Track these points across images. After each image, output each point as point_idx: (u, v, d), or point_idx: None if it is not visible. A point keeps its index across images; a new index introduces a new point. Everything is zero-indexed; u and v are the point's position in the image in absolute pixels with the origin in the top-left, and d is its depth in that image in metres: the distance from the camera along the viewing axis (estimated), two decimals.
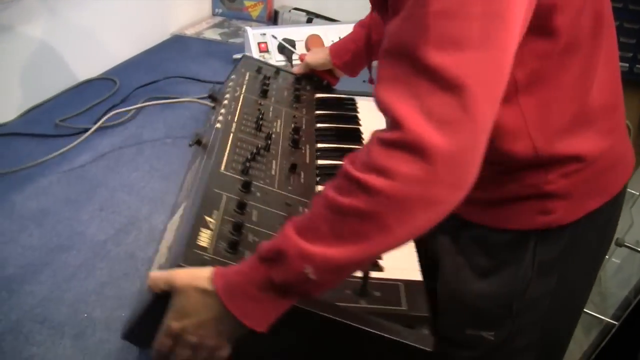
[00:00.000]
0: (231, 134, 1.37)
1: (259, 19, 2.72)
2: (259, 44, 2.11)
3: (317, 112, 1.67)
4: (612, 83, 1.14)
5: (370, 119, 1.68)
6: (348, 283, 1.03)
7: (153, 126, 1.79)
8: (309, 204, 0.89)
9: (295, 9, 2.66)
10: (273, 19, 2.70)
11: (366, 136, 1.58)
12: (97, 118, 1.77)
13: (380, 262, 1.14)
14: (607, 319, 2.03)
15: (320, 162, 1.44)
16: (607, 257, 2.22)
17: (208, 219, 1.07)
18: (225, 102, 1.51)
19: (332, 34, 2.17)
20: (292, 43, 2.10)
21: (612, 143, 1.14)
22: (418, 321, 1.02)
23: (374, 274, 1.07)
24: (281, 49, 2.08)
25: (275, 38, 2.08)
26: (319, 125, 1.61)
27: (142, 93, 1.92)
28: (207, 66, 2.18)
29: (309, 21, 2.57)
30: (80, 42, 2.05)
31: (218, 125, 1.39)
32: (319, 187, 1.33)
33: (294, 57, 2.04)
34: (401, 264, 1.14)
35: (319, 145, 1.51)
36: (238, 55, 2.19)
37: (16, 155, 1.62)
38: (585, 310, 2.09)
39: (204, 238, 1.02)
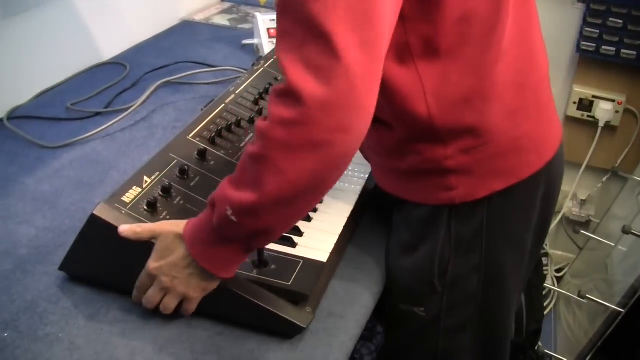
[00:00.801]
0: (223, 104, 1.47)
1: (267, 5, 2.72)
2: (268, 29, 2.11)
3: None
4: (524, 61, 1.14)
5: None
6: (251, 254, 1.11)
7: (163, 110, 1.79)
8: None
9: None
10: None
11: None
12: (108, 102, 1.79)
13: (296, 238, 1.22)
14: (613, 307, 2.04)
15: None
16: (613, 244, 2.24)
17: (145, 178, 1.20)
18: (246, 73, 1.61)
19: None
20: None
21: (519, 123, 1.14)
22: (303, 298, 1.11)
23: (284, 249, 1.19)
24: None
25: None
26: None
27: (152, 77, 1.92)
28: (216, 51, 2.19)
29: None
30: (91, 26, 2.06)
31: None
32: None
33: None
34: (316, 244, 1.22)
35: None
36: (247, 41, 2.19)
37: (28, 138, 1.63)
38: (591, 297, 2.11)
39: (130, 194, 1.15)
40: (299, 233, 1.24)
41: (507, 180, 1.15)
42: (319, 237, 1.24)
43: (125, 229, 1.08)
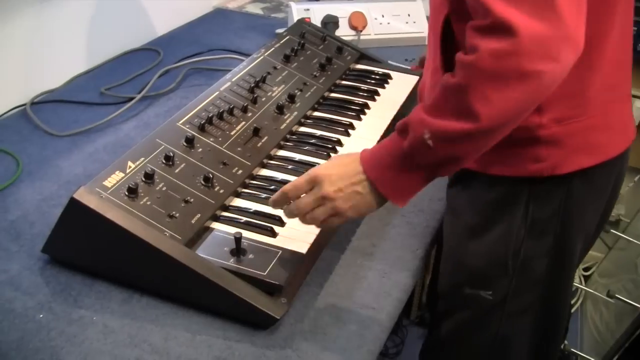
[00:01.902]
0: (217, 92, 1.48)
1: None
2: (304, 19, 2.10)
3: (338, 81, 1.73)
4: (625, 39, 1.15)
5: (395, 93, 1.72)
6: (228, 242, 1.14)
7: (196, 97, 1.79)
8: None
9: None
10: None
11: (373, 112, 1.63)
12: (141, 87, 1.79)
13: (277, 228, 1.20)
14: None
15: (301, 129, 1.53)
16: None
17: (130, 163, 1.21)
18: (244, 61, 1.62)
19: (375, 12, 2.17)
20: (335, 19, 2.09)
21: (614, 100, 1.14)
22: (278, 289, 1.10)
23: (263, 239, 1.17)
24: (324, 25, 2.07)
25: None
26: (330, 94, 1.68)
27: (185, 64, 1.92)
28: (249, 40, 2.18)
29: None
30: (126, 12, 2.06)
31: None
32: (279, 152, 1.44)
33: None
34: (297, 235, 1.19)
35: (315, 113, 1.60)
36: (280, 30, 2.19)
37: (62, 122, 1.64)
38: (620, 297, 2.09)
39: (112, 179, 1.16)
40: (281, 223, 1.21)
41: (595, 157, 1.14)
42: (301, 227, 1.17)
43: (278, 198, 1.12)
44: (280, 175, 1.35)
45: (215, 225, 1.20)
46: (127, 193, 1.15)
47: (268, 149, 1.40)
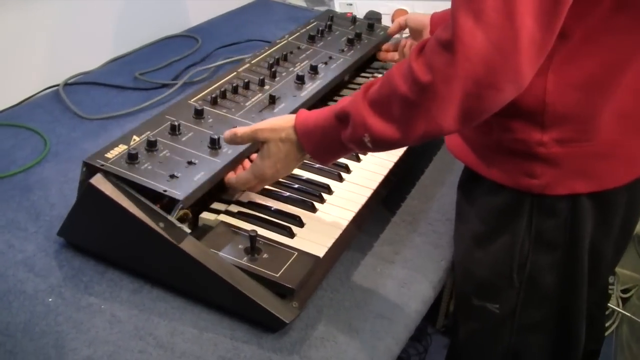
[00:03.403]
0: (234, 72, 1.46)
1: None
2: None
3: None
4: None
5: None
6: (243, 239, 1.11)
7: None
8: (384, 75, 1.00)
9: None
10: None
11: None
12: (176, 74, 1.77)
13: (296, 229, 1.17)
14: None
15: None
16: None
17: (135, 137, 1.20)
18: (265, 47, 1.60)
19: (419, 9, 2.11)
20: (378, 16, 2.05)
21: (624, 130, 1.08)
22: (288, 292, 1.06)
23: (281, 238, 1.14)
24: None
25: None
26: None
27: (223, 53, 1.90)
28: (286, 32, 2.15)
29: None
30: None
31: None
32: None
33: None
34: (316, 237, 1.16)
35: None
36: None
37: (94, 104, 1.63)
38: None
39: (115, 151, 1.15)
40: (300, 224, 1.18)
41: (591, 185, 1.09)
42: (320, 229, 1.18)
43: (228, 133, 1.17)
44: (305, 174, 1.31)
45: (233, 221, 1.17)
46: (127, 160, 1.13)
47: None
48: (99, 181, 1.09)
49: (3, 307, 1.08)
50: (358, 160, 1.37)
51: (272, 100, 1.37)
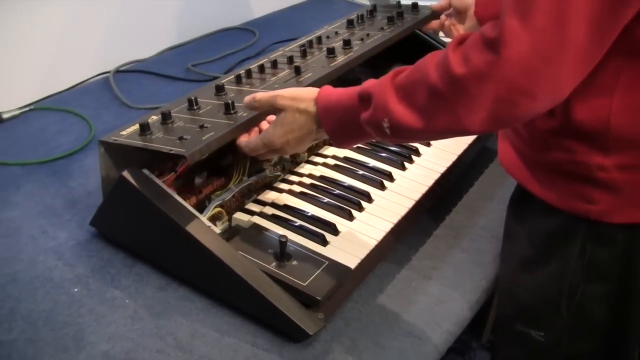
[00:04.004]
0: (265, 58, 1.43)
1: None
2: None
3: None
4: None
5: None
6: (274, 243, 1.07)
7: None
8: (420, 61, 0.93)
9: None
10: None
11: None
12: (229, 67, 1.75)
13: (330, 237, 1.12)
14: None
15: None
16: None
17: (153, 117, 1.18)
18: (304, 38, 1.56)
19: None
20: None
21: None
22: (314, 302, 1.02)
23: (313, 245, 1.10)
24: None
25: None
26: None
27: (278, 49, 1.87)
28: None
29: None
30: None
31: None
32: (352, 155, 1.36)
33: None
34: (349, 247, 1.11)
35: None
36: None
37: (143, 93, 1.63)
38: None
39: (130, 129, 1.15)
40: (335, 232, 1.14)
41: None
42: (355, 239, 1.13)
43: (247, 97, 1.12)
44: (348, 180, 1.27)
45: (265, 223, 1.14)
46: (140, 132, 1.12)
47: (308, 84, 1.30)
48: (131, 174, 1.08)
49: (28, 294, 1.07)
50: (403, 168, 1.32)
51: (298, 71, 1.33)
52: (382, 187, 1.26)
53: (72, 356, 0.97)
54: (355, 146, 1.34)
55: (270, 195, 1.23)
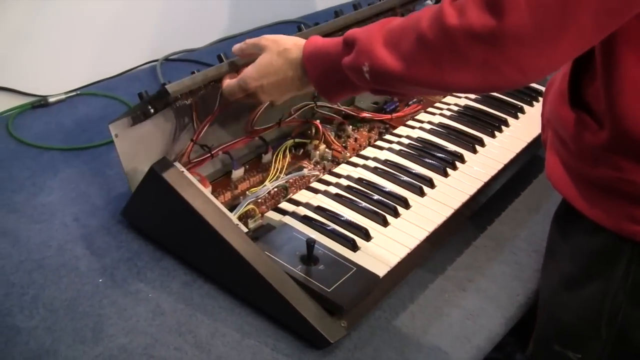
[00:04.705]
0: None
1: None
2: None
3: None
4: None
5: None
6: (302, 245, 1.04)
7: None
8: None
9: None
10: None
11: (511, 130, 1.47)
12: None
13: (361, 242, 1.09)
14: None
15: (425, 136, 1.40)
16: None
17: None
18: None
19: None
20: None
21: None
22: (338, 310, 0.99)
23: (342, 250, 1.07)
24: None
25: None
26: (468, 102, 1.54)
27: None
28: None
29: None
30: None
31: None
32: (396, 158, 1.31)
33: None
34: (380, 254, 1.08)
35: (445, 121, 1.45)
36: None
37: None
38: None
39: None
40: (367, 237, 1.10)
41: None
42: (388, 246, 1.09)
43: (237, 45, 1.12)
44: (386, 184, 1.23)
45: (296, 224, 1.11)
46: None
47: None
48: (161, 166, 1.06)
49: (53, 281, 1.07)
50: (445, 175, 1.27)
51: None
52: (422, 194, 1.22)
53: (89, 348, 0.97)
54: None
55: (304, 195, 1.20)
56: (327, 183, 1.23)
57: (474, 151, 1.36)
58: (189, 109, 1.17)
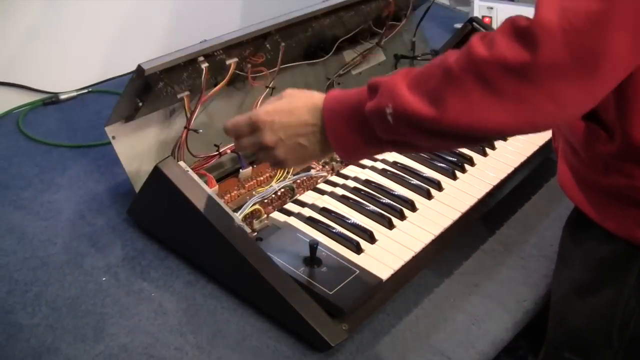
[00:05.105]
0: None
1: None
2: (482, 17, 1.93)
3: None
4: None
5: None
6: (305, 247, 1.03)
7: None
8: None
9: None
10: None
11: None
12: None
13: (365, 244, 1.08)
14: None
15: None
16: None
17: None
18: None
19: None
20: None
21: None
22: (339, 313, 0.98)
23: (346, 252, 1.06)
24: None
25: None
26: None
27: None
28: (425, 30, 2.04)
29: None
30: None
31: None
32: (406, 161, 1.30)
33: None
34: (384, 257, 1.07)
35: None
36: (459, 25, 2.03)
37: None
38: None
39: None
40: (372, 240, 1.09)
41: None
42: (392, 249, 1.08)
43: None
44: (393, 186, 1.22)
45: (301, 225, 1.10)
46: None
47: None
48: (166, 165, 1.06)
49: (56, 279, 1.07)
50: (454, 178, 1.26)
51: None
52: (429, 196, 1.21)
53: (89, 347, 0.96)
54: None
55: (310, 196, 1.19)
56: (334, 184, 1.22)
57: (484, 154, 1.34)
58: (182, 100, 1.17)
